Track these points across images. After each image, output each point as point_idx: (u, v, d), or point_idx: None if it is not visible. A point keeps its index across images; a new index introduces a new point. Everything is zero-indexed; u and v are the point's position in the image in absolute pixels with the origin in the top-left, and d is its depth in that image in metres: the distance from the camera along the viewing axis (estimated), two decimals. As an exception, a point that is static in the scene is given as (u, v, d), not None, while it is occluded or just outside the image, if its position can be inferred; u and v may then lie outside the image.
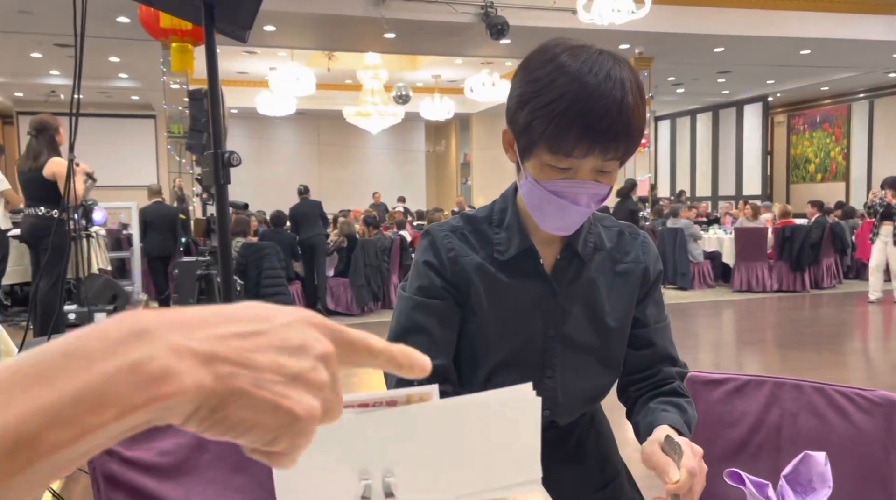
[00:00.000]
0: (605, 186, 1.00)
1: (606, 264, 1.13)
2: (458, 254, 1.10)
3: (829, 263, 9.67)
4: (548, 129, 0.95)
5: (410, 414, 0.57)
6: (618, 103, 0.93)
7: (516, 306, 1.10)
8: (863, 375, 5.65)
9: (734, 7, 9.36)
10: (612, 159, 0.98)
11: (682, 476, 0.94)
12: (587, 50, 0.97)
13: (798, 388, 1.72)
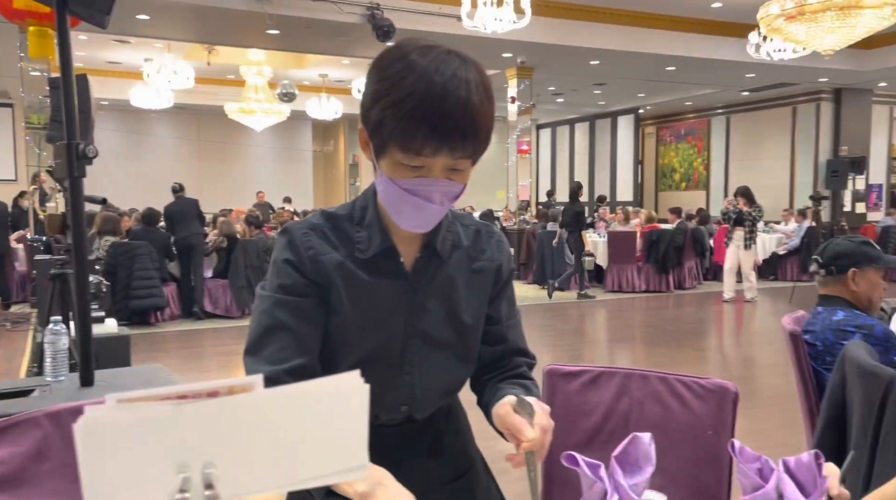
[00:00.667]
0: (458, 184, 1.02)
1: (464, 262, 1.15)
2: (317, 252, 1.09)
3: (691, 265, 10.43)
4: (397, 127, 0.96)
5: (232, 405, 0.57)
6: (463, 103, 0.95)
7: (377, 305, 1.10)
8: (717, 367, 6.14)
9: (608, 23, 9.89)
10: (462, 158, 0.99)
11: (536, 434, 1.00)
12: (436, 49, 0.98)
13: (645, 378, 1.86)
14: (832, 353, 2.32)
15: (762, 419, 4.44)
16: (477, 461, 1.29)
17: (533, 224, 11.47)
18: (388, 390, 1.12)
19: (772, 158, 14.73)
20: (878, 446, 1.77)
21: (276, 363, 1.03)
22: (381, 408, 1.08)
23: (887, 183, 14.86)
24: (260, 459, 0.59)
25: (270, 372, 1.02)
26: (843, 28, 6.06)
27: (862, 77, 12.35)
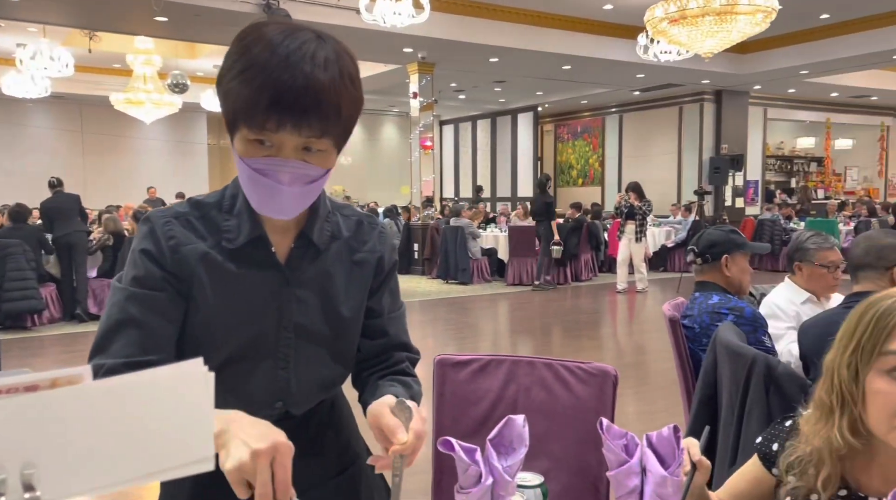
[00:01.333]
0: (313, 166, 0.96)
1: (344, 254, 1.12)
2: (179, 242, 1.03)
3: (587, 258, 10.82)
4: (240, 97, 0.92)
5: (56, 399, 0.53)
6: (305, 76, 0.90)
7: (247, 298, 1.05)
8: (611, 354, 6.40)
9: (506, 21, 10.08)
10: (311, 137, 0.94)
11: (410, 438, 0.97)
12: (298, 29, 0.95)
13: (531, 365, 1.90)
14: (708, 335, 2.46)
15: (651, 401, 4.67)
16: (362, 456, 1.26)
17: (437, 219, 11.54)
18: (261, 385, 1.07)
19: (661, 155, 15.51)
20: (743, 419, 1.89)
21: (121, 359, 0.97)
22: (255, 404, 1.03)
23: (762, 179, 15.98)
24: (90, 456, 0.55)
25: (112, 365, 0.96)
26: (721, 32, 6.46)
27: (739, 80, 13.22)
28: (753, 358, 1.88)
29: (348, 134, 1.01)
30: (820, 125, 17.30)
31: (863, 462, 1.01)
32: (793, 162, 17.98)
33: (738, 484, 1.18)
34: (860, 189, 17.64)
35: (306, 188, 0.99)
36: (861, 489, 1.01)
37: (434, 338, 7.09)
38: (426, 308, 8.59)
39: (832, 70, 12.39)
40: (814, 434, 1.02)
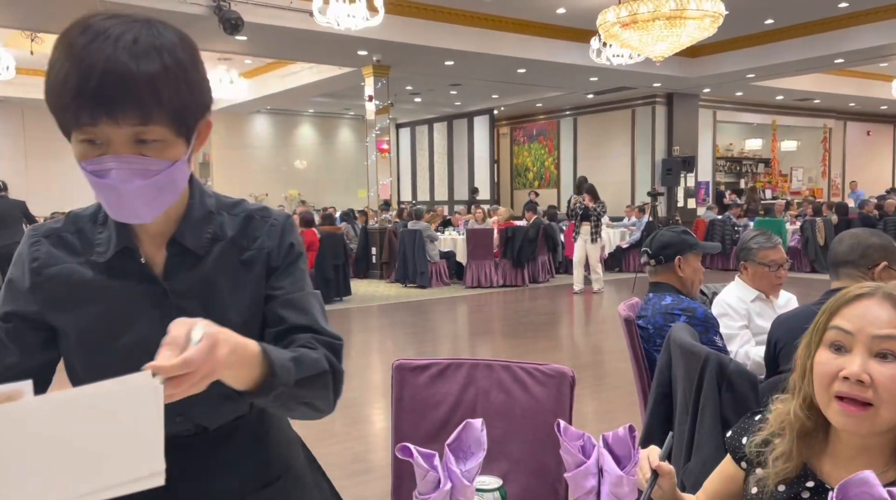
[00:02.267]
0: (152, 159, 0.89)
1: (229, 256, 1.03)
2: (42, 264, 0.97)
3: (544, 259, 10.92)
4: (52, 95, 0.86)
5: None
6: (105, 60, 0.83)
7: (121, 315, 0.97)
8: (569, 355, 6.46)
9: (461, 24, 10.12)
10: (135, 126, 0.86)
11: (174, 361, 0.73)
12: (120, 15, 0.89)
13: (490, 367, 1.90)
14: (662, 335, 2.51)
15: (608, 401, 4.73)
16: (295, 465, 1.18)
17: (394, 223, 11.51)
18: None
19: (615, 157, 15.77)
20: (697, 417, 1.93)
21: None
22: None
23: (713, 180, 16.39)
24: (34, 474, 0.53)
25: None
26: (671, 36, 6.61)
27: (689, 83, 13.54)
28: (706, 357, 1.92)
29: (190, 121, 0.92)
30: (766, 127, 17.84)
31: (821, 448, 1.06)
32: (741, 163, 18.48)
33: (713, 483, 1.21)
34: (805, 189, 18.24)
35: (151, 184, 0.90)
36: (825, 479, 1.05)
37: (393, 342, 7.06)
38: (385, 312, 8.55)
39: (777, 74, 12.78)
40: (776, 415, 1.08)
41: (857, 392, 0.96)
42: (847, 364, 0.98)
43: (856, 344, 0.98)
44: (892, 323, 0.98)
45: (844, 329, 1.00)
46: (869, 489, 0.71)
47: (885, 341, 0.97)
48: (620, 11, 6.67)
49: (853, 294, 1.03)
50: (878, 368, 0.96)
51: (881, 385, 0.95)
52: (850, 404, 0.97)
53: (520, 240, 10.29)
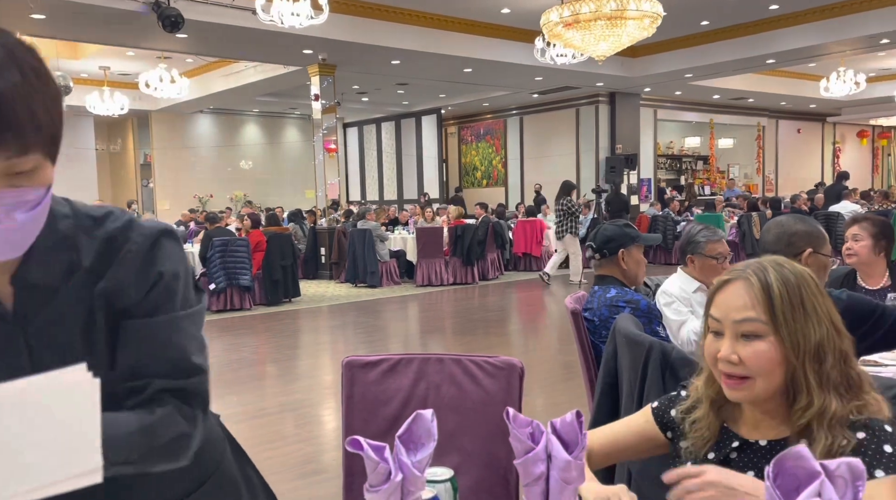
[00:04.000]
0: (29, 189, 0.80)
1: (87, 287, 0.89)
2: None
3: (493, 257, 11.02)
4: None
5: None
6: None
7: None
8: (520, 349, 6.54)
9: (407, 23, 10.11)
10: (12, 158, 0.77)
11: None
12: None
13: (441, 361, 1.91)
14: (607, 327, 2.57)
15: (558, 393, 4.81)
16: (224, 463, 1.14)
17: (343, 223, 11.43)
18: None
19: (560, 155, 16.01)
20: (642, 405, 1.98)
21: None
22: None
23: (655, 177, 16.81)
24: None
25: None
26: (612, 36, 6.76)
27: (631, 82, 13.85)
28: (650, 345, 1.97)
29: (58, 138, 0.83)
30: (704, 126, 18.39)
31: (736, 413, 1.18)
32: (681, 160, 19.00)
33: (620, 433, 1.31)
34: (741, 185, 18.87)
35: (33, 216, 0.81)
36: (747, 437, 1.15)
37: (344, 342, 7.02)
38: (335, 313, 8.48)
39: (713, 73, 13.20)
40: (693, 389, 1.23)
41: (732, 370, 1.09)
42: (722, 347, 1.10)
43: (725, 329, 1.11)
44: (748, 306, 1.09)
45: (715, 318, 1.12)
46: (803, 463, 0.75)
47: (743, 325, 1.09)
48: (563, 11, 6.79)
49: (721, 281, 1.14)
50: (743, 348, 1.08)
51: (748, 362, 1.08)
52: (731, 379, 1.10)
53: (469, 238, 10.35)
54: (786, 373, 1.08)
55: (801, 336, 1.06)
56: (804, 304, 1.08)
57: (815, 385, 1.06)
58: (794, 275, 1.10)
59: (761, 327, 1.07)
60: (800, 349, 1.06)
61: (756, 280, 1.09)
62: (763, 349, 1.07)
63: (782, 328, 1.06)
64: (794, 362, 1.06)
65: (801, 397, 1.07)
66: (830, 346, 1.07)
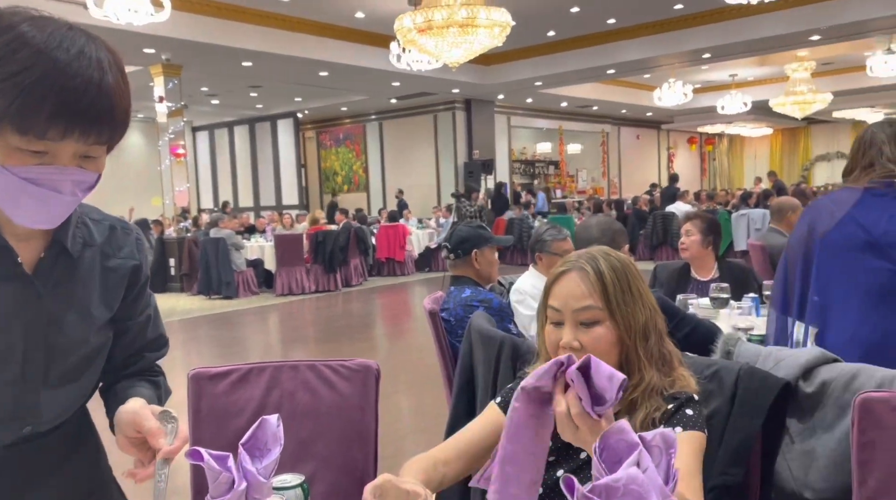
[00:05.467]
0: (91, 173, 0.93)
1: (97, 261, 1.06)
2: None
3: (356, 263, 10.93)
4: (13, 105, 0.84)
5: None
6: (96, 83, 0.87)
7: None
8: (385, 353, 6.53)
9: (258, 24, 9.80)
10: (97, 144, 0.91)
11: (177, 444, 1.01)
12: (54, 23, 0.89)
13: (295, 368, 1.86)
14: (463, 326, 2.62)
15: (421, 394, 4.84)
16: (109, 481, 1.22)
17: (195, 232, 10.85)
18: (5, 409, 0.98)
19: (420, 160, 16.22)
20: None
21: None
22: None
23: (510, 181, 17.48)
24: None
25: None
26: (465, 44, 6.94)
27: (485, 90, 14.32)
28: (501, 340, 2.03)
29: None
30: (554, 132, 19.38)
31: None
32: (535, 165, 19.89)
33: (475, 432, 1.27)
34: (589, 189, 20.09)
35: (83, 195, 0.95)
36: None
37: (199, 357, 6.65)
38: (187, 327, 8.02)
39: (561, 82, 13.95)
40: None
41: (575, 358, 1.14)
42: (563, 335, 1.15)
43: (566, 318, 1.16)
44: (585, 295, 1.15)
45: (555, 307, 1.18)
46: (624, 436, 0.79)
47: (582, 313, 1.15)
48: (416, 17, 6.87)
49: (557, 272, 1.21)
50: (584, 335, 1.14)
51: (588, 347, 1.13)
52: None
53: (331, 244, 10.19)
54: (620, 354, 1.15)
55: (631, 318, 1.14)
56: (631, 288, 1.16)
57: (645, 362, 1.15)
58: (620, 262, 1.19)
59: (599, 313, 1.14)
60: (631, 330, 1.14)
61: (591, 269, 1.16)
62: (602, 333, 1.14)
63: (616, 312, 1.14)
64: (627, 343, 1.14)
65: (633, 375, 1.14)
66: (653, 325, 1.17)
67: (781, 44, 11.33)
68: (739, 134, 23.53)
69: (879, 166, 1.79)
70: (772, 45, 11.40)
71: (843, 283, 1.79)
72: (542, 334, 1.22)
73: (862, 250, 1.74)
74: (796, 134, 23.20)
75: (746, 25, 10.43)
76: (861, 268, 1.74)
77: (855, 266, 1.75)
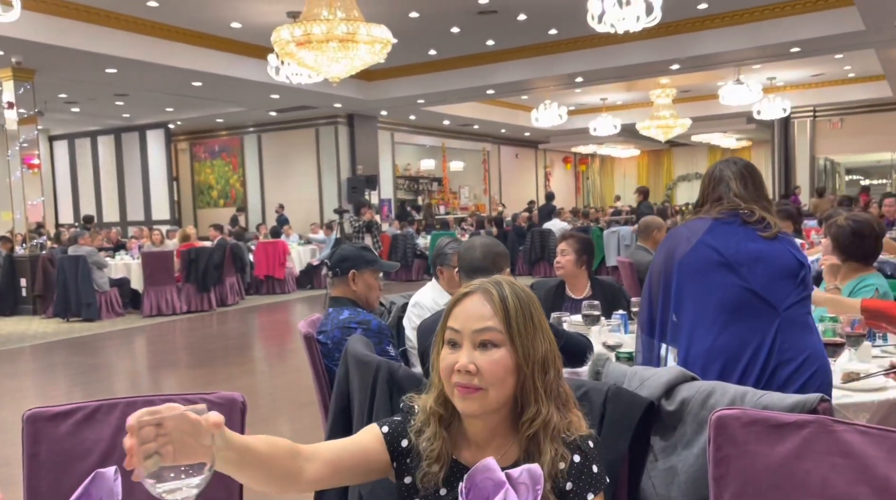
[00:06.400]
0: None
1: None
2: None
3: (232, 281, 10.48)
4: None
5: None
6: None
7: None
8: (263, 377, 6.27)
9: (124, 29, 9.22)
10: None
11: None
12: None
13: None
14: (340, 349, 2.53)
15: (300, 419, 4.67)
16: None
17: (50, 249, 9.99)
18: None
19: (301, 175, 15.88)
20: (372, 425, 1.97)
21: None
22: None
23: (394, 197, 17.49)
24: None
25: None
26: (345, 59, 6.85)
27: (367, 105, 14.27)
28: (378, 365, 1.98)
29: None
30: (438, 149, 19.64)
31: (462, 439, 1.19)
32: (419, 182, 20.04)
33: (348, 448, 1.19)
34: (472, 205, 20.49)
35: None
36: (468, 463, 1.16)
37: (53, 387, 6.09)
38: (40, 354, 7.34)
39: (442, 100, 14.16)
40: (421, 408, 1.21)
41: (468, 381, 1.11)
42: (459, 358, 1.12)
43: (464, 340, 1.14)
44: (487, 316, 1.14)
45: (454, 328, 1.15)
46: (491, 475, 0.77)
47: (482, 334, 1.13)
48: (294, 30, 6.72)
49: (461, 293, 1.19)
50: (481, 357, 1.12)
51: (485, 370, 1.11)
52: (465, 389, 1.12)
53: (204, 262, 9.71)
54: (517, 382, 1.13)
55: (531, 347, 1.14)
56: (533, 319, 1.16)
57: (542, 394, 1.14)
58: (524, 293, 1.19)
59: (499, 336, 1.13)
60: (530, 359, 1.13)
61: (495, 292, 1.16)
62: (500, 357, 1.12)
63: (516, 338, 1.13)
64: (525, 371, 1.13)
65: (530, 407, 1.13)
66: (551, 360, 1.17)
67: (646, 71, 12.11)
68: (610, 154, 24.90)
69: (727, 200, 2.02)
70: (637, 72, 12.17)
71: (700, 300, 1.95)
72: (436, 361, 1.17)
73: (716, 268, 1.93)
74: (660, 156, 24.87)
75: (615, 53, 11.06)
76: (715, 285, 1.92)
77: (710, 284, 1.93)
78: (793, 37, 9.99)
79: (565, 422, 1.15)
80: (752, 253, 1.91)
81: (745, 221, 1.97)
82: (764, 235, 1.94)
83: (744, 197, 2.01)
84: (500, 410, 1.15)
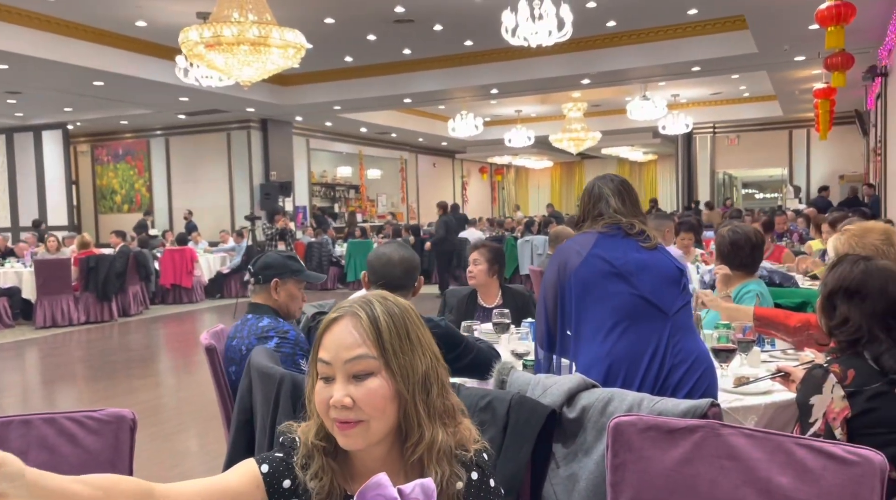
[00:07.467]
0: None
1: None
2: None
3: (136, 290, 9.99)
4: None
5: None
6: None
7: None
8: (168, 390, 5.99)
9: (16, 24, 8.66)
10: None
11: None
12: None
13: (27, 424, 1.60)
14: (252, 357, 2.45)
15: (207, 433, 4.49)
16: None
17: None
18: None
19: (211, 180, 15.36)
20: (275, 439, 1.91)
21: None
22: None
23: (310, 204, 17.19)
24: None
25: None
26: (257, 62, 6.68)
27: (282, 110, 13.98)
28: (281, 377, 1.92)
29: None
30: (355, 156, 19.46)
31: (350, 472, 1.11)
32: (335, 189, 19.79)
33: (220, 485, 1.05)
34: (388, 213, 20.42)
35: None
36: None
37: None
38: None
39: (359, 108, 14.06)
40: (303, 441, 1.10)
41: (345, 416, 1.03)
42: (334, 393, 1.03)
43: (337, 372, 1.04)
44: (357, 343, 1.04)
45: (325, 361, 1.05)
46: (382, 491, 0.74)
47: (354, 363, 1.04)
48: (204, 31, 6.50)
49: (329, 320, 1.09)
50: (356, 390, 1.03)
51: (362, 403, 1.02)
52: (344, 424, 1.03)
53: (105, 270, 9.21)
54: (398, 409, 1.05)
55: (409, 368, 1.05)
56: (409, 335, 1.07)
57: (425, 417, 1.06)
58: (398, 307, 1.09)
59: (373, 363, 1.04)
60: (409, 382, 1.05)
61: (364, 314, 1.06)
62: (376, 386, 1.03)
63: (392, 362, 1.04)
64: (405, 396, 1.05)
65: (413, 432, 1.06)
66: (434, 375, 1.08)
67: (558, 85, 12.46)
68: (525, 166, 25.45)
69: (608, 215, 2.15)
70: (550, 85, 12.49)
71: (597, 308, 2.03)
72: (311, 394, 1.08)
73: (608, 278, 2.03)
74: (572, 167, 25.62)
75: (529, 66, 11.31)
76: (610, 293, 2.03)
77: (605, 292, 2.03)
78: (693, 56, 10.54)
79: (454, 438, 1.09)
80: (639, 262, 2.03)
81: (627, 233, 2.10)
82: (645, 246, 2.08)
83: (623, 212, 2.14)
84: (386, 439, 1.07)
